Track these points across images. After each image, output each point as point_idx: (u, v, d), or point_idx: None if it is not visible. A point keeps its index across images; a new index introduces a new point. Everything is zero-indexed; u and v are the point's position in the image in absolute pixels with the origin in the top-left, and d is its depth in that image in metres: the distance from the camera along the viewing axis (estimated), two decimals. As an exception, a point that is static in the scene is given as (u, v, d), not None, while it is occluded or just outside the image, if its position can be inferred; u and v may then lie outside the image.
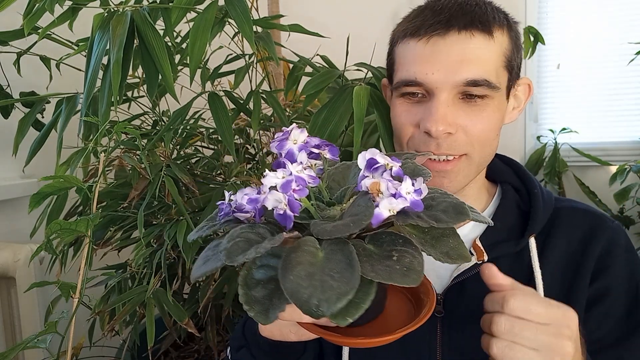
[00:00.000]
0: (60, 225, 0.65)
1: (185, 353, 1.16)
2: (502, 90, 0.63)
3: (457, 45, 0.59)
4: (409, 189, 0.39)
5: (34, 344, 0.66)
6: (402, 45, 0.64)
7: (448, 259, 0.39)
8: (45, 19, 0.81)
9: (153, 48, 0.73)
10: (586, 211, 0.69)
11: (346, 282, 0.33)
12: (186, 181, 0.84)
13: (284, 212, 0.38)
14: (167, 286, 0.87)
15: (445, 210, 0.41)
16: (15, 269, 1.20)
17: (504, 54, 0.62)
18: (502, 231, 0.67)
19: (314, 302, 0.32)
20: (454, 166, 0.63)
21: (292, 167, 0.40)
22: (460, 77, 0.59)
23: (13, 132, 1.03)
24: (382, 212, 0.38)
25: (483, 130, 0.62)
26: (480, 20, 0.60)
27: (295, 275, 0.34)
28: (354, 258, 0.35)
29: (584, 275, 0.64)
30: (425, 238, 0.41)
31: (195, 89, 0.91)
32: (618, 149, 1.62)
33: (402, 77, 0.63)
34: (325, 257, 0.36)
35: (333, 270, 0.35)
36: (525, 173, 0.72)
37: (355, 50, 1.00)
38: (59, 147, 0.89)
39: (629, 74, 1.58)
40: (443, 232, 0.41)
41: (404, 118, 0.65)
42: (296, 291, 0.33)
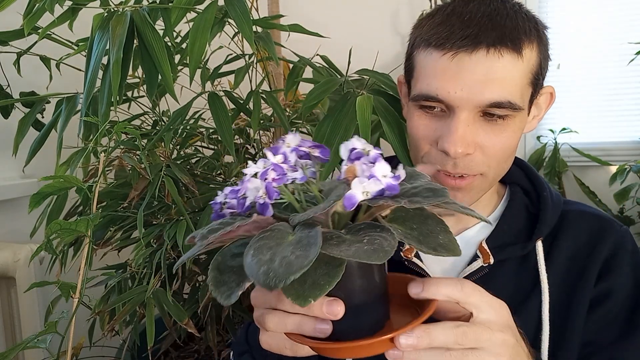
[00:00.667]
0: (60, 225, 0.65)
1: (185, 353, 1.16)
2: (525, 108, 0.60)
3: (483, 64, 0.56)
4: (385, 172, 0.38)
5: (34, 344, 0.66)
6: (424, 53, 0.60)
7: (436, 253, 0.37)
8: (45, 19, 0.81)
9: (153, 48, 0.73)
10: (594, 214, 0.68)
11: (304, 257, 0.33)
12: (186, 181, 0.84)
13: (264, 201, 0.38)
14: (167, 286, 0.87)
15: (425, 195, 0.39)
16: (15, 269, 1.20)
17: (530, 71, 0.59)
18: (510, 234, 0.66)
19: (269, 273, 0.33)
20: (469, 183, 0.61)
21: (272, 157, 0.39)
22: (483, 97, 0.56)
23: (13, 132, 1.03)
24: (355, 193, 0.36)
25: (502, 149, 0.60)
26: (511, 37, 0.56)
27: (257, 251, 0.35)
28: (318, 236, 0.35)
29: (588, 278, 0.63)
30: (412, 234, 0.39)
31: (195, 89, 0.91)
32: (618, 149, 1.62)
33: (423, 90, 0.60)
34: (294, 239, 0.36)
35: (297, 249, 0.34)
36: (535, 175, 0.71)
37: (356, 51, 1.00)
38: (59, 147, 0.89)
39: (629, 74, 1.58)
40: (432, 229, 0.40)
41: (421, 132, 0.62)
42: (254, 264, 0.34)
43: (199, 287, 1.03)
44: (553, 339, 0.62)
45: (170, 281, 0.92)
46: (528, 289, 0.64)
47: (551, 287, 0.63)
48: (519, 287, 0.64)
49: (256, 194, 0.38)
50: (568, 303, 0.63)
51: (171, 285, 0.92)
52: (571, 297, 0.63)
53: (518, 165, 0.73)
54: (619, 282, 0.63)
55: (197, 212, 0.94)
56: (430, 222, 0.41)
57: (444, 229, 0.40)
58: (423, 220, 0.41)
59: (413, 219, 0.41)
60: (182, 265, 0.95)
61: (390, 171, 0.38)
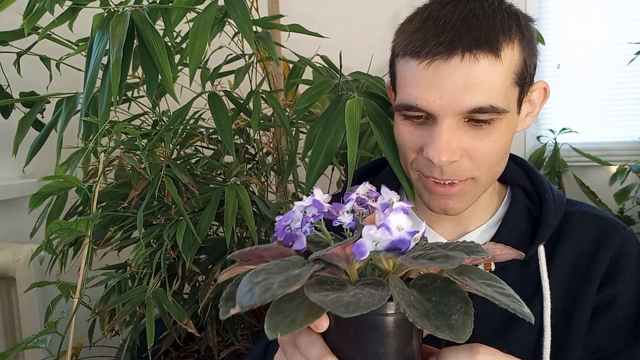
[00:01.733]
0: (60, 225, 0.65)
1: (185, 353, 1.16)
2: (511, 110, 0.58)
3: (460, 71, 0.54)
4: (401, 224, 0.35)
5: (34, 344, 0.66)
6: (402, 61, 0.59)
7: (437, 332, 0.33)
8: (45, 19, 0.81)
9: (153, 48, 0.73)
10: (597, 216, 0.66)
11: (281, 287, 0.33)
12: (186, 181, 0.84)
13: (296, 231, 0.39)
14: (167, 286, 0.87)
15: (436, 259, 0.36)
16: (15, 269, 1.20)
17: (513, 71, 0.57)
18: (512, 238, 0.65)
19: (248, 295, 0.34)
20: (460, 189, 0.60)
21: (317, 195, 0.40)
22: (464, 104, 0.55)
23: (13, 132, 1.03)
24: (365, 241, 0.35)
25: (490, 154, 0.58)
26: (487, 38, 0.54)
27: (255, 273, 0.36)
28: (306, 274, 0.35)
29: (592, 283, 0.62)
30: (424, 305, 0.36)
31: (195, 89, 0.91)
32: (618, 149, 1.62)
33: (403, 100, 0.59)
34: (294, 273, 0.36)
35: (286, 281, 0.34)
36: (537, 175, 0.69)
37: (356, 51, 1.00)
38: (59, 147, 0.89)
39: (629, 74, 1.58)
40: (451, 307, 0.35)
41: (407, 140, 0.61)
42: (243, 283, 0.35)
43: (199, 287, 1.03)
44: (555, 344, 0.61)
45: (170, 281, 0.92)
46: (529, 294, 0.63)
47: (553, 292, 0.62)
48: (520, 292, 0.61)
49: (297, 224, 0.39)
50: (570, 308, 0.62)
51: (171, 285, 0.92)
52: (573, 303, 0.62)
53: (519, 165, 0.71)
54: (624, 288, 0.62)
55: (197, 212, 0.94)
56: (452, 299, 0.36)
57: (465, 311, 0.35)
58: (447, 294, 0.37)
59: (437, 290, 0.37)
60: (182, 265, 0.95)
61: (410, 224, 0.35)
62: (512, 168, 0.69)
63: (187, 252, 0.83)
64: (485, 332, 0.62)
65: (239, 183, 0.90)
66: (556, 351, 0.61)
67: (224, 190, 0.87)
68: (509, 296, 0.37)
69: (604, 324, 0.62)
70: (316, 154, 0.75)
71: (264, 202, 0.97)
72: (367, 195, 0.41)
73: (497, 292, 0.37)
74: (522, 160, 0.72)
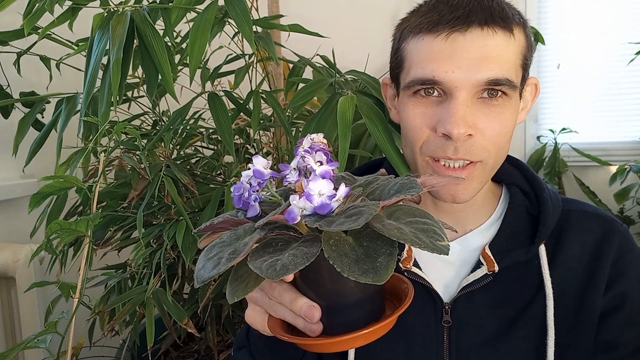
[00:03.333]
0: (60, 225, 0.64)
1: (185, 353, 1.16)
2: (518, 90, 0.60)
3: (478, 42, 0.55)
4: (322, 190, 0.38)
5: (34, 344, 0.66)
6: (415, 41, 0.59)
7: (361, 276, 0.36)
8: (45, 19, 0.81)
9: (153, 48, 0.73)
10: (597, 214, 0.67)
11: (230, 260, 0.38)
12: (185, 181, 0.84)
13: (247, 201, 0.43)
14: (167, 286, 0.87)
15: (350, 215, 0.38)
16: (15, 269, 1.20)
17: (521, 52, 0.59)
18: (513, 238, 0.64)
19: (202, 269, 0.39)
20: (470, 173, 0.60)
21: (256, 162, 0.42)
22: (481, 75, 0.56)
23: (13, 132, 1.03)
24: (294, 209, 0.38)
25: (500, 133, 0.59)
26: (500, 16, 0.56)
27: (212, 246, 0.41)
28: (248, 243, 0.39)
29: (598, 283, 0.62)
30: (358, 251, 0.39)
31: (195, 89, 0.91)
32: (618, 149, 1.62)
33: (417, 75, 0.58)
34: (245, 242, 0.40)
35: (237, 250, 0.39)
36: (533, 175, 0.69)
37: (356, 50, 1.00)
38: (59, 147, 0.89)
39: (629, 74, 1.58)
40: (379, 252, 0.38)
41: (418, 120, 0.60)
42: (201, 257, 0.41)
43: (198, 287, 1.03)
44: (560, 343, 0.60)
45: (170, 281, 0.92)
46: (532, 293, 0.62)
47: (556, 291, 0.62)
48: (523, 292, 0.63)
49: (246, 194, 0.42)
50: (576, 307, 0.62)
51: (171, 285, 0.92)
52: (579, 301, 0.62)
53: (513, 165, 0.71)
54: (631, 285, 0.62)
55: (196, 212, 0.94)
56: (379, 242, 0.39)
57: (389, 253, 0.38)
58: (375, 238, 0.39)
59: (368, 235, 0.40)
60: (182, 265, 0.95)
61: (330, 189, 0.38)
62: (508, 168, 0.70)
63: (187, 252, 0.83)
64: (489, 332, 0.62)
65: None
66: (561, 350, 0.60)
67: (224, 191, 0.87)
68: (427, 232, 0.38)
69: (618, 324, 0.62)
70: None
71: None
72: (311, 149, 0.43)
73: (416, 229, 0.39)
74: (517, 161, 0.72)
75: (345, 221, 0.37)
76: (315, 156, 0.42)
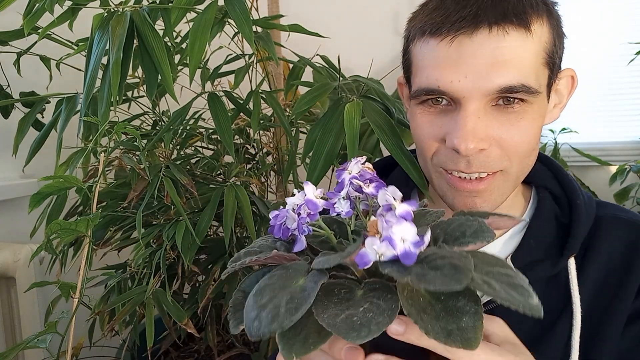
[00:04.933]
0: (60, 225, 0.65)
1: (185, 353, 1.16)
2: (543, 92, 0.52)
3: (487, 46, 0.49)
4: (405, 236, 0.32)
5: (34, 344, 0.66)
6: (420, 44, 0.53)
7: (446, 340, 0.31)
8: (45, 19, 0.81)
9: (153, 48, 0.73)
10: (630, 221, 0.59)
11: (289, 314, 0.31)
12: (185, 182, 0.84)
13: (296, 234, 0.37)
14: (167, 286, 0.87)
15: (443, 270, 0.31)
16: (15, 269, 1.20)
17: (544, 49, 0.51)
18: (539, 249, 0.57)
19: (256, 323, 0.31)
20: (488, 184, 0.54)
21: (308, 192, 0.37)
22: (492, 83, 0.49)
23: (13, 132, 1.03)
24: (368, 252, 0.32)
25: (522, 142, 0.52)
26: (515, 11, 0.49)
27: (259, 292, 0.33)
28: (313, 291, 0.32)
29: (626, 294, 0.55)
30: (434, 308, 0.33)
31: (195, 89, 0.91)
32: (618, 149, 1.62)
33: (422, 84, 0.53)
34: (298, 287, 0.33)
35: (292, 301, 0.32)
36: (566, 177, 0.61)
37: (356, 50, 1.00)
38: (59, 147, 0.89)
39: (629, 74, 1.58)
40: (461, 308, 0.33)
41: (426, 131, 0.55)
42: (249, 308, 0.32)
43: (198, 287, 1.03)
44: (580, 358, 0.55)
45: (170, 281, 0.92)
46: (558, 310, 0.57)
47: (583, 308, 0.55)
48: (548, 309, 0.55)
49: (293, 225, 0.37)
50: (599, 322, 0.56)
51: (171, 286, 0.92)
52: (603, 316, 0.56)
53: (545, 164, 0.63)
54: None
55: (196, 212, 0.94)
56: (461, 298, 0.33)
57: (473, 310, 0.32)
58: (456, 292, 0.33)
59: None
60: (182, 265, 0.95)
61: (414, 234, 0.33)
62: (539, 168, 0.62)
63: (187, 253, 0.83)
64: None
65: (239, 183, 0.90)
66: None
67: (224, 191, 0.87)
68: (516, 288, 0.32)
69: (634, 336, 0.56)
70: (316, 157, 0.74)
71: (264, 203, 0.97)
72: (361, 177, 0.39)
73: (504, 283, 0.33)
74: (550, 160, 0.64)
75: (440, 277, 0.30)
76: (388, 191, 0.36)
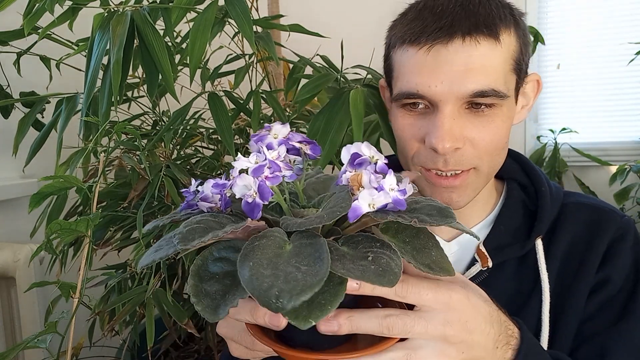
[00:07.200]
0: (60, 225, 0.65)
1: (185, 353, 1.16)
2: (511, 96, 0.59)
3: (461, 54, 0.54)
4: (392, 185, 0.35)
5: (34, 344, 0.66)
6: (400, 51, 0.59)
7: (430, 270, 0.35)
8: (45, 19, 0.81)
9: (153, 48, 0.73)
10: (593, 205, 0.66)
11: (313, 274, 0.29)
12: (185, 182, 0.83)
13: (253, 201, 0.33)
14: (167, 286, 0.87)
15: (430, 213, 0.36)
16: (15, 269, 1.20)
17: (511, 57, 0.57)
18: (508, 234, 0.64)
19: (274, 292, 0.28)
20: (463, 180, 0.60)
21: (267, 153, 0.36)
22: (465, 88, 0.55)
23: (13, 132, 1.03)
24: (361, 204, 0.34)
25: (492, 142, 0.58)
26: (486, 23, 0.55)
27: (255, 262, 0.30)
28: (325, 250, 0.31)
29: (587, 272, 0.62)
30: (406, 248, 0.37)
31: (195, 89, 0.91)
32: (618, 149, 1.62)
33: (403, 88, 0.59)
34: (293, 250, 0.32)
35: (301, 262, 0.31)
36: (532, 169, 0.68)
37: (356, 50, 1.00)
38: (59, 147, 0.89)
39: (629, 74, 1.58)
40: (425, 244, 0.37)
41: (407, 132, 0.61)
42: (255, 279, 0.29)
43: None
44: (548, 333, 0.61)
45: (170, 281, 0.92)
46: (529, 288, 0.63)
47: (551, 286, 0.62)
48: (520, 287, 0.63)
49: (246, 192, 0.34)
50: (564, 297, 0.62)
51: (171, 286, 0.92)
52: (567, 292, 0.62)
53: (514, 159, 0.70)
54: (617, 271, 0.62)
55: (197, 212, 0.94)
56: (422, 236, 0.38)
57: (436, 245, 0.38)
58: (415, 233, 0.38)
59: (405, 231, 0.38)
60: (182, 265, 0.95)
61: (396, 184, 0.35)
62: (508, 162, 0.69)
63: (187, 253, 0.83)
64: None
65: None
66: (549, 340, 0.61)
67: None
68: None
69: (594, 305, 0.62)
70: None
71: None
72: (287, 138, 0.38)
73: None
74: (518, 154, 0.71)
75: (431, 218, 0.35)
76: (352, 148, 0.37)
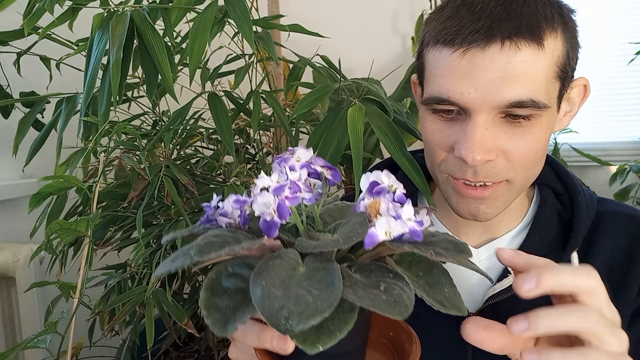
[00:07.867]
0: (60, 225, 0.65)
1: (185, 353, 1.16)
2: (552, 106, 0.53)
3: (499, 60, 0.49)
4: (410, 215, 0.34)
5: (34, 344, 0.66)
6: (433, 51, 0.54)
7: (442, 307, 0.34)
8: (45, 19, 0.81)
9: (153, 48, 0.73)
10: (630, 216, 0.61)
11: (324, 299, 0.29)
12: (185, 182, 0.84)
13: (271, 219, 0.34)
14: (167, 286, 0.87)
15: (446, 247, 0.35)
16: (15, 269, 1.20)
17: (556, 63, 0.52)
18: (542, 244, 0.60)
19: (284, 313, 0.28)
20: (493, 192, 0.55)
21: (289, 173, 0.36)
22: (501, 97, 0.50)
23: (13, 132, 1.03)
24: (378, 232, 0.33)
25: (528, 154, 0.53)
26: (529, 25, 0.49)
27: (268, 281, 0.30)
28: (338, 276, 0.31)
29: (629, 288, 0.57)
30: (419, 282, 0.36)
31: (195, 89, 0.91)
32: (618, 149, 1.62)
33: (433, 92, 0.54)
34: (306, 273, 0.32)
35: (313, 286, 0.30)
36: (567, 175, 0.64)
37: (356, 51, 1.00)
38: (59, 147, 0.89)
39: (629, 74, 1.58)
40: (438, 280, 0.37)
41: (435, 138, 0.56)
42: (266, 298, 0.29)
43: (198, 287, 1.03)
44: None
45: (170, 281, 0.92)
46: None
47: None
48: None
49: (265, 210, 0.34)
50: None
51: (171, 286, 0.92)
52: None
53: (548, 163, 0.65)
54: None
55: (196, 212, 0.94)
56: (435, 272, 0.37)
57: (449, 282, 0.37)
58: (429, 268, 0.37)
59: (419, 264, 0.37)
60: (182, 265, 0.95)
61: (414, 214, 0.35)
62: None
63: (187, 252, 0.82)
64: None
65: (239, 183, 0.90)
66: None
67: (224, 191, 0.87)
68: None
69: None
70: None
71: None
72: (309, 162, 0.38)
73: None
74: (551, 158, 0.66)
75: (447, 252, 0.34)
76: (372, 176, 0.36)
